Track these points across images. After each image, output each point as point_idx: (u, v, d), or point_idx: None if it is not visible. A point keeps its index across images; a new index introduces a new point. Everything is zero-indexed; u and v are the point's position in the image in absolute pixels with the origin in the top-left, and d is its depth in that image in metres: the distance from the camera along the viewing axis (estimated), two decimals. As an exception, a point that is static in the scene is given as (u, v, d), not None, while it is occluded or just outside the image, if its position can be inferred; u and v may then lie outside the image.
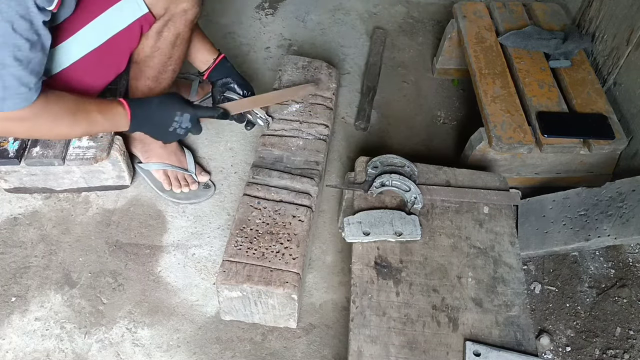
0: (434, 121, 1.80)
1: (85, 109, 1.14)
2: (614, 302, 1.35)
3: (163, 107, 1.22)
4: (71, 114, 1.12)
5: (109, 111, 1.17)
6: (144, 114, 1.21)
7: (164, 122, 1.22)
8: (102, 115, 1.15)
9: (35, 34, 0.98)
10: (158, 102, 1.23)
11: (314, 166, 1.36)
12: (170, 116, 1.22)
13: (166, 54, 1.30)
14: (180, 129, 1.24)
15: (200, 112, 1.26)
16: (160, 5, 1.21)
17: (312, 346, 1.27)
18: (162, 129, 1.24)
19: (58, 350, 1.25)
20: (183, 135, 1.26)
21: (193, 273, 1.38)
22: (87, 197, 1.51)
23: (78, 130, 1.16)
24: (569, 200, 1.38)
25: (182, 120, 1.23)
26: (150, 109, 1.22)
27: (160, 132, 1.25)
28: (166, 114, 1.22)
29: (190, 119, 1.24)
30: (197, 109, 1.25)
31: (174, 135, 1.25)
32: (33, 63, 1.00)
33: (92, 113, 1.14)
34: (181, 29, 1.27)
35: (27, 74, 0.99)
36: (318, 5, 2.16)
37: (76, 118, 1.12)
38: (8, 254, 1.39)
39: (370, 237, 1.18)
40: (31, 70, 1.00)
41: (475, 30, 1.70)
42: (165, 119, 1.22)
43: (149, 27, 1.24)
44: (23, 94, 1.01)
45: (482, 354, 1.03)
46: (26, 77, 0.99)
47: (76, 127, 1.14)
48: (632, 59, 1.51)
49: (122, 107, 1.18)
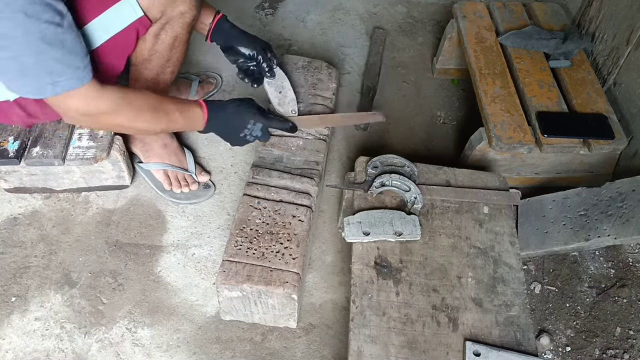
0: (434, 121, 1.80)
1: (165, 107, 1.17)
2: (614, 302, 1.35)
3: (239, 113, 1.26)
4: (152, 109, 1.15)
5: (187, 111, 1.20)
6: (220, 117, 1.24)
7: (237, 128, 1.26)
8: (181, 114, 1.19)
9: (56, 14, 0.97)
10: (235, 107, 1.26)
11: (314, 166, 1.36)
12: (244, 123, 1.26)
13: (164, 57, 1.30)
14: (250, 137, 1.28)
15: (272, 123, 1.29)
16: (156, 8, 1.20)
17: (312, 346, 1.27)
18: (233, 134, 1.27)
19: (58, 350, 1.25)
20: (251, 141, 1.30)
21: (193, 273, 1.38)
22: (87, 197, 1.51)
23: (158, 126, 1.18)
24: (569, 200, 1.38)
25: (254, 129, 1.27)
26: (226, 113, 1.25)
27: (231, 135, 1.28)
28: (241, 120, 1.26)
29: (262, 128, 1.28)
30: (270, 121, 1.29)
31: (243, 141, 1.29)
32: (68, 42, 0.99)
33: (172, 111, 1.17)
34: (179, 31, 1.27)
35: (66, 54, 0.99)
36: (318, 5, 2.16)
37: (157, 114, 1.15)
38: (8, 254, 1.39)
39: (370, 237, 1.18)
40: (69, 49, 1.00)
41: (475, 30, 1.70)
42: (238, 125, 1.26)
43: (145, 31, 1.23)
44: (71, 74, 1.01)
45: (482, 354, 1.03)
46: (67, 57, 0.99)
47: (157, 122, 1.17)
48: (632, 59, 1.51)
49: (200, 108, 1.22)
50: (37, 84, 1.00)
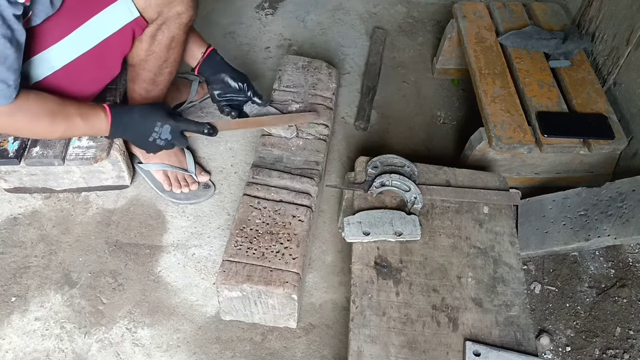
0: (434, 121, 1.80)
1: (65, 112, 1.14)
2: (614, 302, 1.35)
3: (144, 117, 1.21)
4: (50, 115, 1.12)
5: (90, 116, 1.17)
6: (124, 121, 1.20)
7: (143, 132, 1.22)
8: (82, 119, 1.16)
9: (7, 29, 0.97)
10: (140, 111, 1.22)
11: (313, 166, 1.36)
12: (149, 127, 1.21)
13: (161, 58, 1.29)
14: (160, 140, 1.23)
15: (183, 125, 1.24)
16: (152, 9, 1.20)
17: (312, 346, 1.27)
18: (141, 138, 1.23)
19: (58, 350, 1.25)
20: (165, 146, 1.25)
21: (193, 273, 1.38)
22: (87, 197, 1.51)
23: (56, 132, 1.16)
24: (569, 200, 1.38)
25: (161, 132, 1.22)
26: (131, 117, 1.21)
27: (140, 140, 1.24)
28: (146, 124, 1.21)
29: (170, 130, 1.22)
30: (180, 122, 1.24)
31: (154, 146, 1.25)
32: (10, 59, 0.99)
33: (72, 116, 1.14)
34: (175, 32, 1.26)
35: (5, 70, 0.99)
36: (318, 5, 2.16)
37: (55, 119, 1.13)
38: (8, 254, 1.39)
39: (370, 237, 1.18)
40: (8, 66, 0.99)
41: (475, 30, 1.70)
42: (144, 129, 1.22)
43: (141, 31, 1.23)
44: (1, 91, 1.01)
45: (482, 354, 1.03)
46: (4, 74, 0.99)
47: (54, 128, 1.14)
48: (632, 59, 1.51)
49: (104, 112, 1.18)
50: None
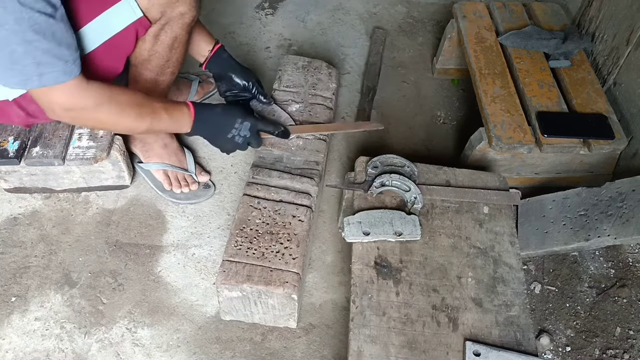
0: (434, 121, 1.80)
1: (151, 105, 1.16)
2: (614, 302, 1.35)
3: (226, 113, 1.26)
4: (137, 106, 1.14)
5: (174, 110, 1.20)
6: (207, 117, 1.24)
7: (224, 128, 1.26)
8: (167, 113, 1.18)
9: (48, 5, 0.96)
10: (222, 108, 1.27)
11: (314, 166, 1.36)
12: (231, 122, 1.25)
13: (164, 57, 1.29)
14: (239, 137, 1.27)
15: (261, 124, 1.29)
16: (155, 9, 1.20)
17: (312, 346, 1.27)
18: (221, 135, 1.27)
19: (58, 350, 1.25)
20: (241, 144, 1.28)
21: (193, 273, 1.38)
22: (87, 197, 1.51)
23: (143, 124, 1.17)
24: (569, 200, 1.38)
25: (241, 128, 1.26)
26: (213, 113, 1.25)
27: (219, 137, 1.28)
28: (228, 119, 1.26)
29: (250, 127, 1.27)
30: (258, 121, 1.29)
31: (232, 143, 1.28)
32: (58, 34, 0.99)
33: (158, 109, 1.17)
34: (178, 32, 1.26)
35: (56, 45, 0.98)
36: (318, 5, 2.16)
37: (142, 112, 1.14)
38: (8, 254, 1.39)
39: (370, 237, 1.18)
40: (59, 41, 0.99)
41: (475, 30, 1.70)
42: (226, 125, 1.26)
43: (144, 31, 1.23)
44: (60, 67, 1.00)
45: (482, 354, 1.03)
46: (56, 49, 0.99)
47: (141, 120, 1.15)
48: (632, 59, 1.51)
49: (187, 108, 1.22)
50: (24, 74, 0.99)
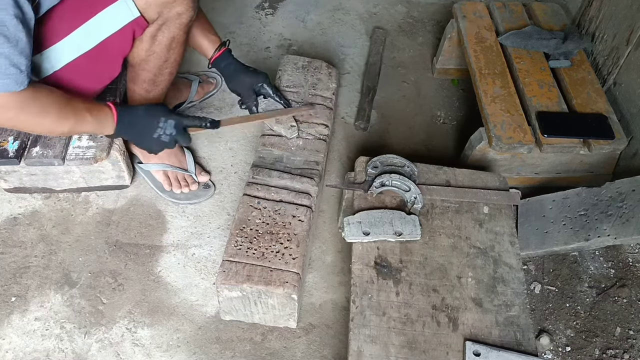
0: (434, 121, 1.80)
1: (74, 106, 1.13)
2: (614, 302, 1.35)
3: (148, 113, 1.23)
4: (59, 108, 1.11)
5: (97, 112, 1.17)
6: (130, 118, 1.21)
7: (148, 128, 1.22)
8: (90, 114, 1.15)
9: (19, 10, 0.96)
10: (144, 109, 1.24)
11: (313, 166, 1.36)
12: (154, 122, 1.22)
13: (162, 58, 1.29)
14: (165, 136, 1.23)
15: (186, 120, 1.25)
16: (152, 9, 1.19)
17: (312, 346, 1.27)
18: (146, 135, 1.23)
19: (58, 350, 1.25)
20: (169, 143, 1.25)
21: (193, 273, 1.38)
22: (87, 197, 1.51)
23: (65, 126, 1.15)
24: (569, 200, 1.38)
25: (166, 127, 1.22)
26: (136, 115, 1.22)
27: (144, 138, 1.24)
28: (150, 119, 1.22)
29: (175, 125, 1.23)
30: (183, 117, 1.25)
31: (159, 143, 1.25)
32: (21, 43, 0.98)
33: (80, 111, 1.14)
34: (176, 32, 1.26)
35: (17, 53, 0.98)
36: (318, 5, 2.16)
37: (64, 113, 1.12)
38: (8, 254, 1.39)
39: (370, 237, 1.18)
40: (20, 50, 0.98)
41: (475, 30, 1.70)
42: (149, 125, 1.22)
43: (141, 31, 1.22)
44: (13, 76, 0.99)
45: (482, 354, 1.03)
46: (16, 57, 0.98)
47: (63, 122, 1.13)
48: (632, 59, 1.51)
49: (110, 110, 1.19)
50: None
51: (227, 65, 1.43)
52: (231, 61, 1.43)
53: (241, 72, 1.43)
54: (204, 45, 1.41)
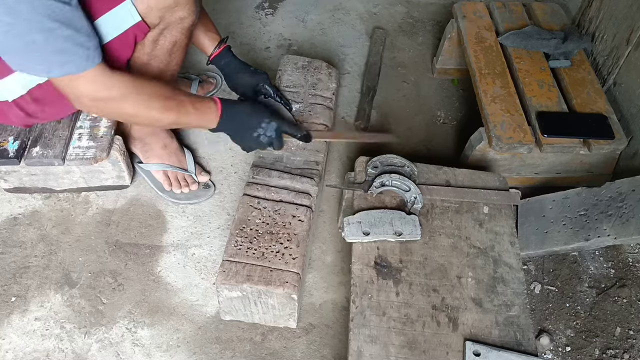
0: (434, 121, 1.80)
1: (178, 97, 1.15)
2: (614, 302, 1.35)
3: (254, 111, 1.25)
4: (163, 98, 1.12)
5: (201, 104, 1.18)
6: (235, 113, 1.22)
7: (250, 126, 1.24)
8: (193, 106, 1.16)
9: None
10: (250, 105, 1.26)
11: (313, 166, 1.36)
12: (258, 121, 1.24)
13: (163, 62, 1.29)
14: (264, 137, 1.25)
15: (286, 126, 1.28)
16: (154, 14, 1.19)
17: (312, 346, 1.27)
18: (247, 133, 1.25)
19: (58, 350, 1.25)
20: (264, 144, 1.26)
21: (193, 273, 1.38)
22: (87, 197, 1.51)
23: (169, 117, 1.15)
24: (569, 200, 1.38)
25: (268, 128, 1.24)
26: (241, 110, 1.24)
27: (244, 135, 1.25)
28: (255, 118, 1.24)
29: (276, 128, 1.25)
30: (284, 123, 1.27)
31: (256, 142, 1.26)
32: (76, 22, 0.99)
33: (184, 103, 1.15)
34: (178, 36, 1.26)
35: (76, 32, 0.98)
36: (318, 5, 2.16)
37: (168, 104, 1.13)
38: (8, 254, 1.39)
39: (370, 237, 1.18)
40: (78, 29, 0.99)
41: (475, 30, 1.70)
42: (253, 123, 1.24)
43: (143, 36, 1.22)
44: (81, 54, 1.00)
45: (482, 354, 1.03)
46: (77, 37, 0.98)
47: (167, 113, 1.13)
48: (632, 59, 1.51)
49: (214, 103, 1.20)
50: (46, 63, 0.99)
51: (227, 63, 1.43)
52: (231, 59, 1.43)
53: (241, 71, 1.43)
54: (203, 42, 1.41)
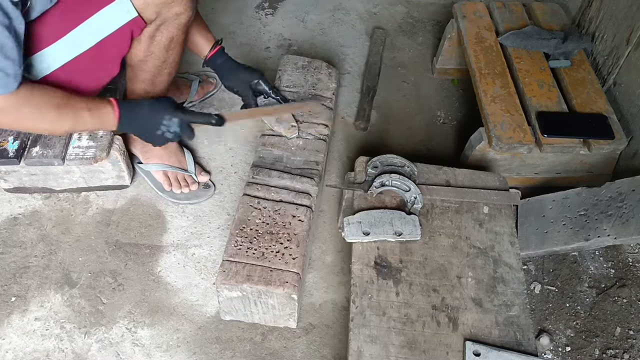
0: (434, 121, 1.80)
1: (71, 105, 1.13)
2: (614, 302, 1.35)
3: (152, 110, 1.21)
4: (57, 108, 1.10)
5: (97, 109, 1.16)
6: (133, 115, 1.20)
7: (151, 125, 1.21)
8: (89, 112, 1.14)
9: (4, 16, 0.95)
10: (148, 105, 1.22)
11: (313, 166, 1.36)
12: (158, 119, 1.21)
13: (160, 58, 1.29)
14: (168, 133, 1.22)
15: (191, 117, 1.24)
16: (150, 9, 1.18)
17: (312, 346, 1.27)
18: (149, 132, 1.23)
19: (58, 350, 1.25)
20: (173, 139, 1.24)
21: (193, 273, 1.38)
22: (87, 197, 1.51)
23: (63, 126, 1.14)
24: (569, 200, 1.38)
25: (170, 125, 1.21)
26: (139, 111, 1.21)
27: (148, 134, 1.24)
28: (154, 117, 1.21)
29: (179, 123, 1.22)
30: (188, 115, 1.23)
31: (162, 139, 1.24)
32: (6, 48, 0.98)
33: (79, 109, 1.13)
34: (174, 32, 1.25)
35: (2, 58, 0.97)
36: (318, 5, 2.16)
37: (61, 113, 1.11)
38: (8, 254, 1.39)
39: (370, 237, 1.18)
40: (5, 55, 0.98)
41: (475, 30, 1.70)
42: (153, 122, 1.21)
43: (139, 32, 1.22)
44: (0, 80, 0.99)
45: (482, 354, 1.03)
46: (1, 62, 0.97)
47: (61, 122, 1.12)
48: (632, 59, 1.51)
49: (111, 106, 1.18)
50: None
51: (223, 63, 1.43)
52: (227, 59, 1.43)
53: (237, 69, 1.43)
54: (199, 43, 1.41)
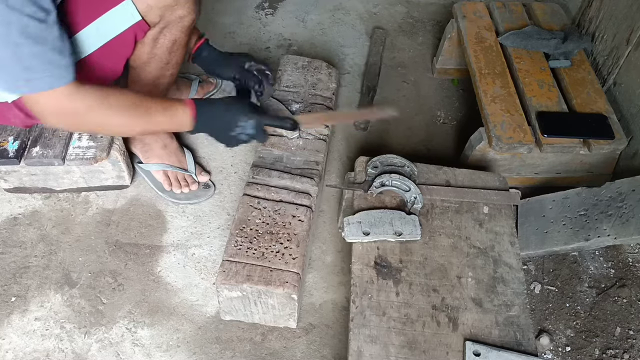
0: (434, 121, 1.80)
1: (146, 106, 1.12)
2: (614, 302, 1.35)
3: (229, 110, 1.20)
4: (130, 108, 1.10)
5: (171, 110, 1.15)
6: (209, 115, 1.19)
7: (227, 126, 1.20)
8: (164, 113, 1.14)
9: (39, 10, 0.94)
10: (225, 105, 1.21)
11: (313, 166, 1.36)
12: (234, 121, 1.20)
13: (163, 60, 1.29)
14: (243, 135, 1.21)
15: (267, 120, 1.23)
16: (154, 12, 1.18)
17: (312, 346, 1.27)
18: (225, 133, 1.21)
19: (58, 350, 1.25)
20: (247, 141, 1.23)
21: (193, 273, 1.38)
22: (87, 197, 1.51)
23: (138, 127, 1.14)
24: (569, 200, 1.38)
25: (246, 127, 1.20)
26: (216, 111, 1.20)
27: (222, 135, 1.22)
28: (231, 118, 1.20)
29: (254, 126, 1.21)
30: (263, 117, 1.22)
31: (236, 140, 1.23)
32: (50, 39, 0.97)
33: (153, 110, 1.13)
34: (178, 35, 1.26)
35: (48, 50, 0.96)
36: (318, 5, 2.16)
37: (136, 113, 1.10)
38: (8, 254, 1.39)
39: (370, 237, 1.18)
40: (52, 47, 0.97)
41: (475, 30, 1.70)
42: (229, 123, 1.20)
43: (143, 35, 1.22)
44: (50, 73, 0.97)
45: (482, 354, 1.03)
46: (48, 54, 0.96)
47: (136, 122, 1.12)
48: (632, 59, 1.51)
49: (186, 106, 1.17)
50: (12, 79, 0.97)
51: (210, 53, 1.42)
52: (212, 49, 1.43)
53: (226, 57, 1.42)
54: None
